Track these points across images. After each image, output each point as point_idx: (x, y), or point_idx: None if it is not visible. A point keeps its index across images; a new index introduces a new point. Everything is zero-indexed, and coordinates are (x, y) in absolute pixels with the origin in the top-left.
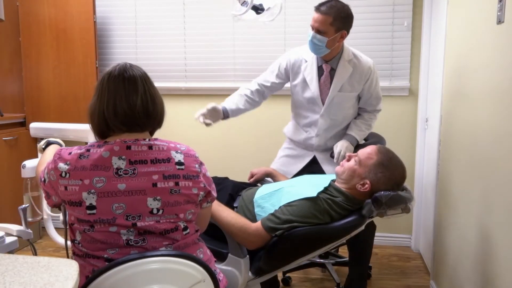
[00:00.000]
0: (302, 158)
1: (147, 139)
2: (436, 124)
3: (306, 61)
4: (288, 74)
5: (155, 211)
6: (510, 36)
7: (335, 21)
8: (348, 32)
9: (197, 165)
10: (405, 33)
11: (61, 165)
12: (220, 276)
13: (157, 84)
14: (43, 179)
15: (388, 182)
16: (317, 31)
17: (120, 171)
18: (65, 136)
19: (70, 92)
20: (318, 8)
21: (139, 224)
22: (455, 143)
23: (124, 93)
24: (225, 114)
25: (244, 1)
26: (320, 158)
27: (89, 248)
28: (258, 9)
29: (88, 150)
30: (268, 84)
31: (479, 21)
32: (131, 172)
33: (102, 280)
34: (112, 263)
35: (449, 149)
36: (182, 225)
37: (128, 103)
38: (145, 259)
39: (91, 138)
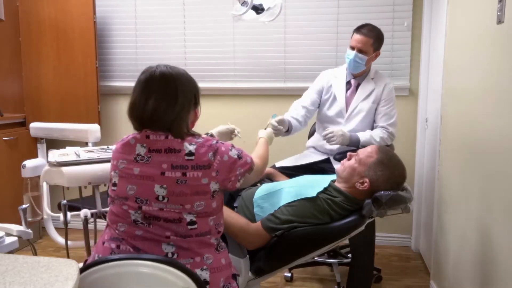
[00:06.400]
0: (315, 155)
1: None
2: (436, 124)
3: (336, 77)
4: (323, 89)
5: (160, 198)
6: (510, 36)
7: (375, 42)
8: (380, 53)
9: (210, 154)
10: (405, 33)
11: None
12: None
13: None
14: None
15: (388, 181)
16: (359, 50)
17: (139, 157)
18: (65, 136)
19: (70, 92)
20: (359, 30)
21: (144, 207)
22: (455, 143)
23: (142, 94)
24: (289, 125)
25: (244, 1)
26: (334, 160)
27: (109, 219)
28: (258, 9)
29: (127, 137)
30: (308, 101)
31: (479, 21)
32: (146, 158)
33: (91, 273)
34: (102, 259)
35: (449, 149)
36: (187, 218)
37: (140, 103)
38: (135, 261)
39: (91, 138)
